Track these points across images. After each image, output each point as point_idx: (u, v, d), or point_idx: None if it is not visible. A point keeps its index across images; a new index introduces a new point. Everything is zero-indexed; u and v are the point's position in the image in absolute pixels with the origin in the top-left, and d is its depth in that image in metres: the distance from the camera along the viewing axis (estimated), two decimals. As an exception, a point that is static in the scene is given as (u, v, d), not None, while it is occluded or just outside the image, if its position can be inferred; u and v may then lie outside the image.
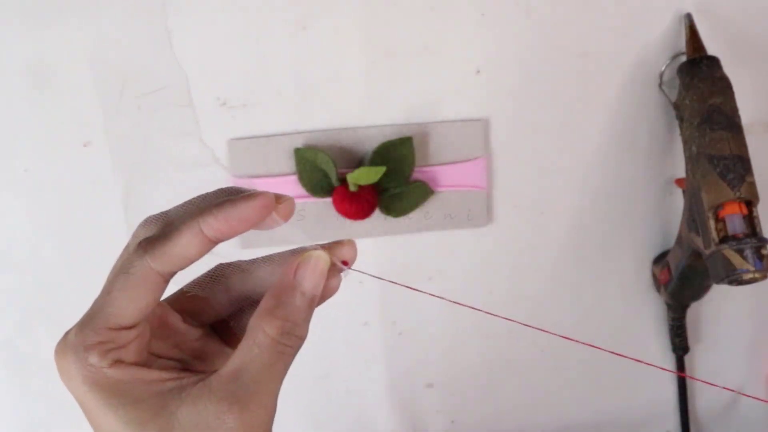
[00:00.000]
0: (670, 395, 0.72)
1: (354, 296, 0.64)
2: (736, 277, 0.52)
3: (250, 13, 0.57)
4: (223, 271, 0.30)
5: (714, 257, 0.53)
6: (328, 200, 0.59)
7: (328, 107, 0.59)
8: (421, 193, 0.60)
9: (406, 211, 0.60)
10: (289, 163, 0.59)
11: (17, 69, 0.56)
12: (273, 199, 0.27)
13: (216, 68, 0.58)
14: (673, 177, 0.65)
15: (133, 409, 0.25)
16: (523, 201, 0.64)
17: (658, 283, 0.67)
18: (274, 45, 0.57)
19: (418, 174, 0.60)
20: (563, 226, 0.65)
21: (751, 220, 0.53)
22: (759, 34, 0.62)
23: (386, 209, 0.60)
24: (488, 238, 0.64)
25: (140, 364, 0.26)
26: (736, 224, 0.53)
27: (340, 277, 0.29)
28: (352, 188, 0.58)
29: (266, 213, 0.27)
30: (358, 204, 0.58)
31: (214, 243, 0.26)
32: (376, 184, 0.58)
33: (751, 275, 0.52)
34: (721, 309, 0.71)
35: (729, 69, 0.57)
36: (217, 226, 0.26)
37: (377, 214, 0.59)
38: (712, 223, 0.54)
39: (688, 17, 0.59)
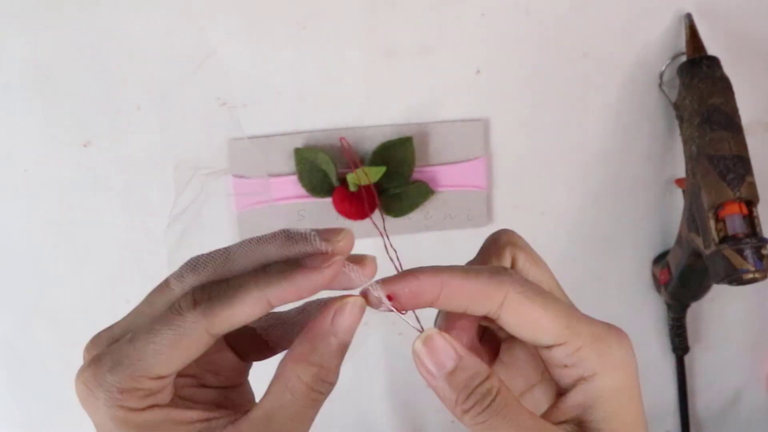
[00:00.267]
0: (670, 395, 0.72)
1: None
2: (736, 277, 0.52)
3: (250, 13, 0.57)
4: (259, 330, 0.30)
5: (714, 257, 0.53)
6: (328, 200, 0.59)
7: (328, 107, 0.59)
8: (421, 193, 0.60)
9: (406, 211, 0.60)
10: (289, 163, 0.59)
11: (17, 69, 0.56)
12: (342, 264, 0.26)
13: (216, 68, 0.58)
14: (673, 177, 0.65)
15: None
16: (523, 201, 0.64)
17: (658, 283, 0.67)
18: (274, 45, 0.57)
19: (418, 174, 0.60)
20: (563, 226, 0.65)
21: (751, 220, 0.53)
22: (759, 34, 0.62)
23: (386, 209, 0.60)
24: (488, 238, 0.64)
25: (172, 401, 0.26)
26: (736, 224, 0.53)
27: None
28: (352, 188, 0.58)
29: (335, 280, 0.26)
30: (358, 204, 0.58)
31: (275, 307, 0.26)
32: (376, 184, 0.58)
33: (751, 275, 0.52)
34: (721, 309, 0.71)
35: (729, 69, 0.57)
36: (285, 296, 0.25)
37: (377, 214, 0.59)
38: (712, 223, 0.54)
39: (688, 17, 0.59)
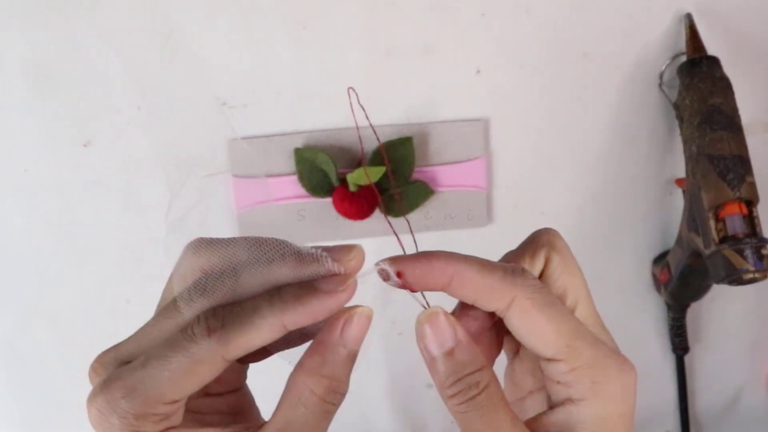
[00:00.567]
0: (670, 395, 0.72)
1: (353, 296, 0.64)
2: (736, 277, 0.52)
3: (250, 13, 0.57)
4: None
5: (714, 257, 0.53)
6: (328, 200, 0.59)
7: (328, 107, 0.59)
8: (421, 193, 0.60)
9: (406, 211, 0.60)
10: (289, 163, 0.59)
11: (17, 69, 0.56)
12: (355, 285, 0.26)
13: (216, 68, 0.58)
14: (673, 177, 0.65)
15: None
16: (523, 201, 0.64)
17: (658, 283, 0.67)
18: (274, 45, 0.57)
19: (418, 174, 0.60)
20: (563, 226, 0.64)
21: (751, 220, 0.53)
22: (759, 34, 0.62)
23: (386, 209, 0.60)
24: (488, 238, 0.64)
25: (184, 421, 0.26)
26: (736, 224, 0.53)
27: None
28: (352, 188, 0.58)
29: (350, 299, 0.26)
30: (358, 204, 0.58)
31: (290, 330, 0.26)
32: (376, 184, 0.58)
33: (751, 275, 0.52)
34: (721, 309, 0.71)
35: (729, 69, 0.57)
36: (300, 321, 0.25)
37: (377, 214, 0.59)
38: (712, 223, 0.54)
39: (688, 17, 0.59)
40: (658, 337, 0.70)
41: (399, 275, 0.27)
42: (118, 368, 0.26)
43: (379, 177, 0.57)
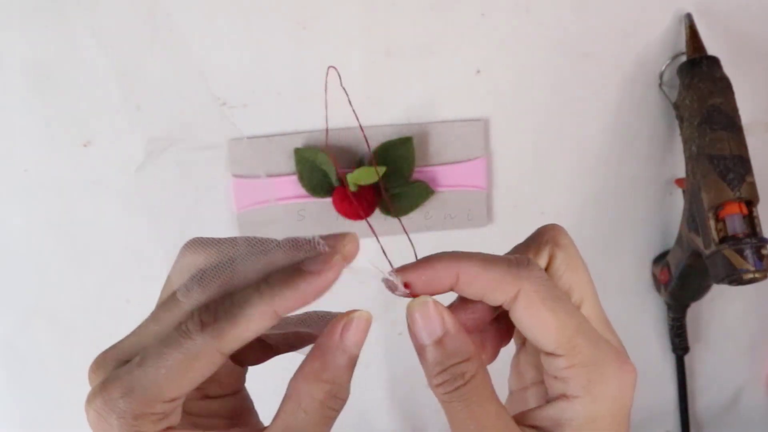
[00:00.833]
0: (670, 395, 0.72)
1: (353, 296, 0.64)
2: (736, 277, 0.52)
3: (250, 13, 0.57)
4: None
5: (714, 257, 0.53)
6: (328, 200, 0.59)
7: (328, 107, 0.59)
8: (421, 193, 0.60)
9: (406, 211, 0.60)
10: (289, 163, 0.59)
11: (17, 69, 0.56)
12: (344, 264, 0.26)
13: (216, 68, 0.58)
14: (673, 177, 0.65)
15: None
16: (523, 201, 0.64)
17: (658, 283, 0.67)
18: (274, 45, 0.57)
19: (418, 174, 0.60)
20: (563, 225, 0.65)
21: (751, 220, 0.53)
22: (759, 34, 0.62)
23: (386, 209, 0.60)
24: (488, 238, 0.64)
25: (183, 421, 0.26)
26: (736, 224, 0.53)
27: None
28: (352, 188, 0.58)
29: (337, 278, 0.26)
30: (358, 204, 0.58)
31: (282, 316, 0.26)
32: (376, 184, 0.58)
33: (751, 275, 0.52)
34: (721, 309, 0.71)
35: (729, 69, 0.57)
36: (291, 305, 0.25)
37: (377, 214, 0.59)
38: (712, 223, 0.54)
39: (688, 17, 0.59)
40: (658, 337, 0.70)
41: (406, 285, 0.27)
42: (117, 368, 0.26)
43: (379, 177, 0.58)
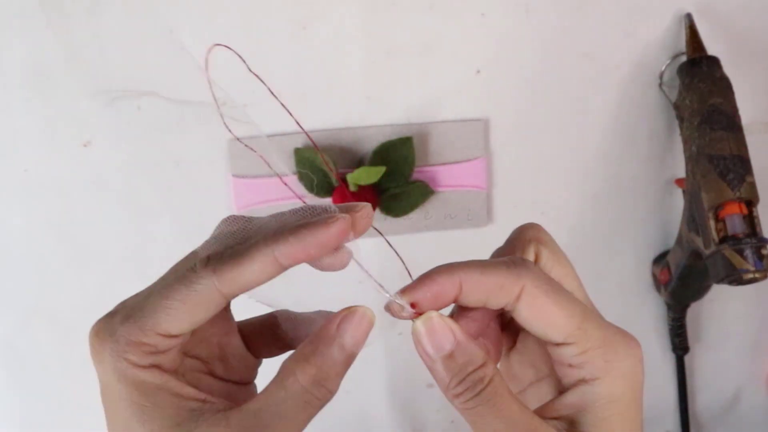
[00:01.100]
0: (670, 395, 0.72)
1: (353, 296, 0.64)
2: (736, 277, 0.52)
3: (250, 13, 0.57)
4: (275, 320, 0.30)
5: (714, 257, 0.53)
6: (328, 200, 0.59)
7: (328, 107, 0.59)
8: (421, 193, 0.60)
9: (406, 211, 0.60)
10: (289, 163, 0.59)
11: (17, 69, 0.56)
12: (350, 223, 0.26)
13: (216, 68, 0.58)
14: (673, 177, 0.65)
15: (152, 412, 0.25)
16: (523, 201, 0.64)
17: (658, 283, 0.67)
18: (274, 45, 0.57)
19: (418, 174, 0.60)
20: (563, 226, 0.65)
21: (751, 220, 0.53)
22: (759, 34, 0.62)
23: (386, 209, 0.60)
24: (488, 238, 0.64)
25: (175, 371, 0.26)
26: (736, 224, 0.53)
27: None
28: (352, 188, 0.58)
29: (344, 237, 0.26)
30: (358, 204, 0.58)
31: (286, 268, 0.26)
32: (376, 184, 0.58)
33: (751, 275, 0.52)
34: (721, 309, 0.71)
35: (729, 69, 0.57)
36: (292, 253, 0.25)
37: (377, 214, 0.59)
38: (712, 223, 0.54)
39: (688, 17, 0.59)
40: (658, 337, 0.70)
41: (413, 305, 0.27)
42: None
43: (379, 177, 0.57)
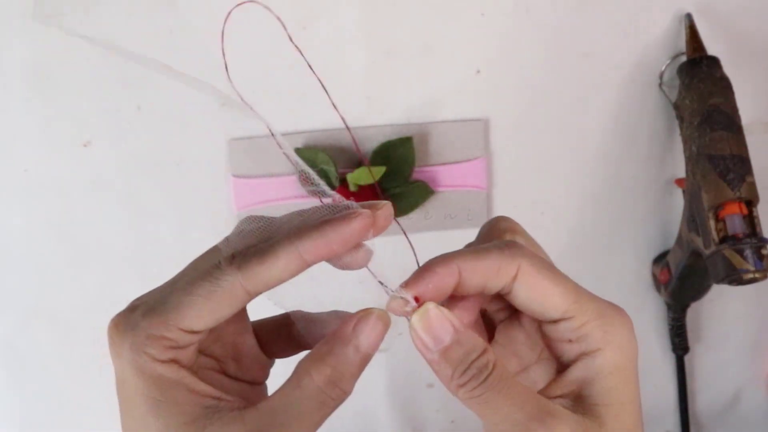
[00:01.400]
0: (670, 395, 0.72)
1: (353, 296, 0.64)
2: (736, 277, 0.52)
3: (250, 13, 0.56)
4: (288, 320, 0.30)
5: (714, 257, 0.53)
6: (328, 200, 0.59)
7: (328, 107, 0.59)
8: (421, 193, 0.60)
9: (406, 211, 0.60)
10: (289, 163, 0.59)
11: (17, 69, 0.56)
12: (372, 219, 0.26)
13: (216, 68, 0.58)
14: (673, 177, 0.65)
15: (168, 408, 0.25)
16: (523, 201, 0.64)
17: (658, 283, 0.67)
18: (274, 45, 0.57)
19: (418, 174, 0.60)
20: (563, 226, 0.65)
21: (751, 220, 0.53)
22: (759, 34, 0.62)
23: (386, 209, 0.60)
24: (488, 238, 0.64)
25: (191, 368, 0.26)
26: (736, 224, 0.53)
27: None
28: (352, 188, 0.58)
29: (366, 233, 0.26)
30: (358, 204, 0.58)
31: (309, 264, 0.26)
32: (376, 184, 0.58)
33: (751, 275, 0.52)
34: (721, 309, 0.71)
35: (729, 69, 0.57)
36: (316, 249, 0.25)
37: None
38: (712, 223, 0.54)
39: (688, 17, 0.59)
40: (658, 337, 0.70)
41: (417, 299, 0.27)
42: None
43: (379, 177, 0.57)
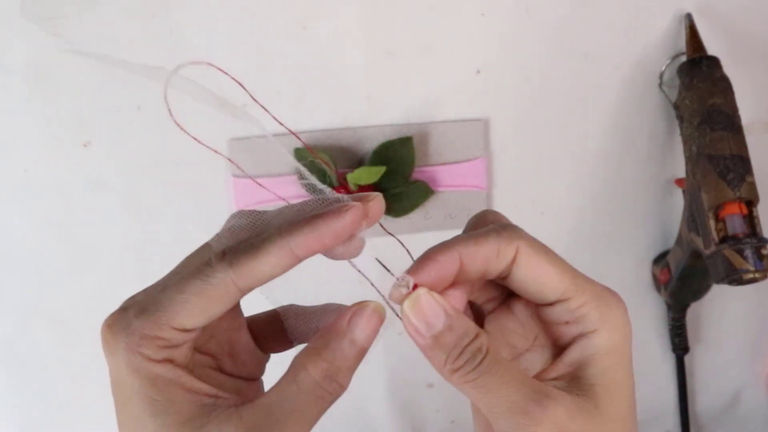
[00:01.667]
0: (670, 395, 0.72)
1: (353, 296, 0.64)
2: (736, 277, 0.52)
3: (250, 13, 0.57)
4: (282, 315, 0.30)
5: (714, 257, 0.53)
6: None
7: (328, 107, 0.59)
8: (421, 193, 0.60)
9: (406, 211, 0.60)
10: (289, 163, 0.59)
11: (16, 69, 0.56)
12: (363, 211, 0.26)
13: (216, 68, 0.58)
14: (673, 177, 0.65)
15: (164, 407, 0.25)
16: (523, 201, 0.64)
17: (658, 283, 0.67)
18: (274, 45, 0.57)
19: (418, 174, 0.60)
20: (563, 226, 0.65)
21: (751, 220, 0.53)
22: (759, 34, 0.62)
23: (386, 209, 0.60)
24: (488, 238, 0.64)
25: (186, 366, 0.26)
26: (736, 224, 0.53)
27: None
28: (352, 188, 0.58)
29: (357, 225, 0.26)
30: (358, 204, 0.58)
31: (301, 259, 0.26)
32: (376, 184, 0.58)
33: (751, 275, 0.52)
34: (721, 309, 0.71)
35: (729, 69, 0.57)
36: (308, 243, 0.25)
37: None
38: (712, 223, 0.54)
39: (688, 17, 0.59)
40: (658, 337, 0.70)
41: (416, 287, 0.27)
42: None
43: (379, 177, 0.57)
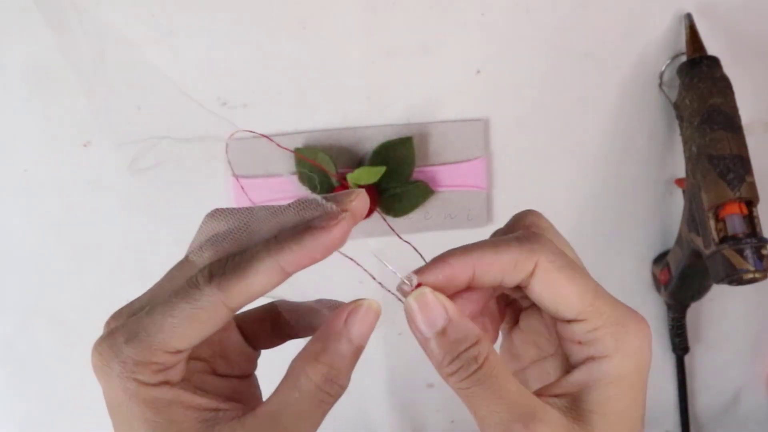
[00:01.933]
0: (670, 395, 0.72)
1: (353, 296, 0.64)
2: (736, 277, 0.52)
3: (250, 13, 0.57)
4: (273, 310, 0.30)
5: (714, 257, 0.53)
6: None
7: (328, 107, 0.59)
8: (421, 193, 0.60)
9: (406, 211, 0.60)
10: (289, 163, 0.59)
11: (16, 69, 0.56)
12: (352, 222, 0.26)
13: (216, 68, 0.58)
14: (673, 177, 0.65)
15: (166, 428, 0.25)
16: (523, 201, 0.64)
17: (658, 283, 0.67)
18: (274, 45, 0.57)
19: (418, 174, 0.60)
20: (563, 226, 0.64)
21: (751, 220, 0.53)
22: (759, 34, 0.62)
23: (386, 209, 0.60)
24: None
25: (183, 382, 0.26)
26: (736, 224, 0.53)
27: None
28: (352, 188, 0.58)
29: (347, 236, 0.26)
30: (358, 204, 0.58)
31: (291, 275, 0.25)
32: (376, 184, 0.58)
33: (751, 275, 0.52)
34: (721, 309, 0.71)
35: (729, 69, 0.57)
36: (298, 261, 0.25)
37: (377, 214, 0.59)
38: (712, 223, 0.54)
39: (688, 17, 0.59)
40: (658, 337, 0.70)
41: (420, 287, 0.27)
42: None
43: (379, 177, 0.57)
